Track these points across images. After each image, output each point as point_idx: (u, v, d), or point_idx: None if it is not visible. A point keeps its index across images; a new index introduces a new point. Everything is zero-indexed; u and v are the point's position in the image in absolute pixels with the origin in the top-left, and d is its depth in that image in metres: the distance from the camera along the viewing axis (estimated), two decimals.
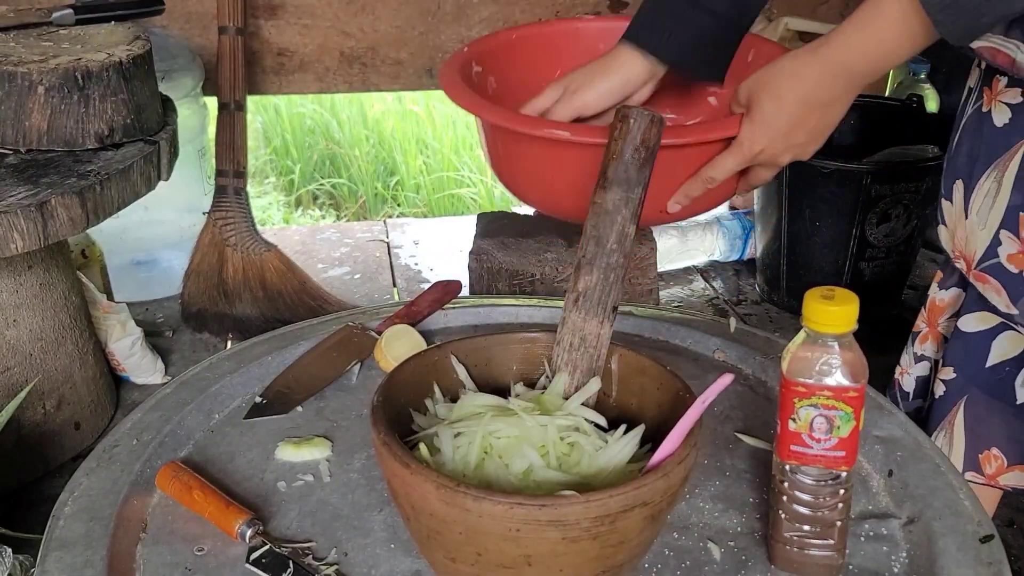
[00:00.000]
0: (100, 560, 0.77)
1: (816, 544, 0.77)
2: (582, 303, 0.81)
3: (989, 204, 0.98)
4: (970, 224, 1.02)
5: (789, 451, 0.75)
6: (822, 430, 0.73)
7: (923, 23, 0.81)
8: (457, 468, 0.74)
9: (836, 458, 0.74)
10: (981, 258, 1.01)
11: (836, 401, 0.72)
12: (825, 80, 0.91)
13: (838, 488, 0.75)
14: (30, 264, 1.53)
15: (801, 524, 0.76)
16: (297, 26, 2.27)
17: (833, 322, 0.71)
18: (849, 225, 1.98)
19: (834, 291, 0.72)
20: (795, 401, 0.73)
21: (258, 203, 3.36)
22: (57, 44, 1.54)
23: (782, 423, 0.75)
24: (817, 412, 0.73)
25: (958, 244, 1.05)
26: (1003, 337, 1.05)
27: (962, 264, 1.05)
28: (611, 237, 0.81)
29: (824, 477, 0.75)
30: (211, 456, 0.93)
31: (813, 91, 0.92)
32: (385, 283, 2.33)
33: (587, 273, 0.81)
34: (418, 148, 3.57)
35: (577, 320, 0.80)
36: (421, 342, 1.06)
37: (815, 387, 0.72)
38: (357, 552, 0.80)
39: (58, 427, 1.62)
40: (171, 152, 1.60)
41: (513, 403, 0.78)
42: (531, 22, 2.35)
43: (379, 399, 0.74)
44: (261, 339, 1.10)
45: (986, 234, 0.99)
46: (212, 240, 2.00)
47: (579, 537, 0.65)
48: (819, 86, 0.91)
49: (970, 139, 1.02)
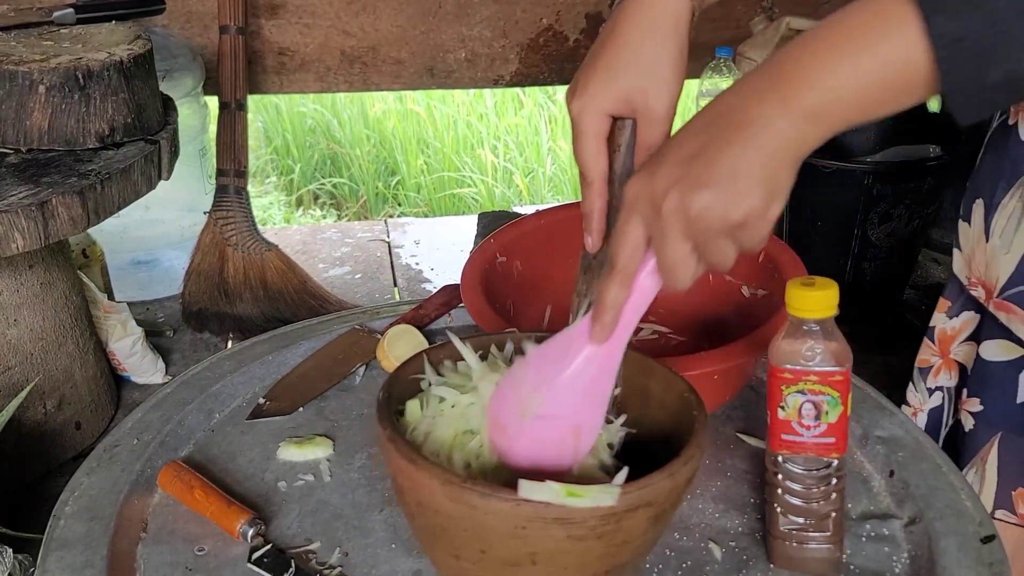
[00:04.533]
0: (100, 560, 0.77)
1: (813, 538, 0.77)
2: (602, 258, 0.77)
3: (1014, 225, 0.92)
4: (991, 248, 0.95)
5: (780, 440, 0.77)
6: (811, 416, 0.75)
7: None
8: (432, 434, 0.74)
9: (826, 445, 0.76)
10: (1005, 285, 0.94)
11: (822, 386, 0.74)
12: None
13: (830, 477, 0.76)
14: (31, 263, 1.53)
15: (796, 517, 0.77)
16: (298, 25, 2.27)
17: (814, 307, 0.73)
18: (851, 224, 1.97)
19: (814, 279, 0.74)
20: (782, 388, 0.75)
21: (259, 203, 3.36)
22: (58, 43, 1.54)
23: (772, 412, 0.76)
24: (804, 398, 0.74)
25: (976, 270, 0.98)
26: None
27: (980, 292, 0.98)
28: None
29: (815, 466, 0.76)
30: (212, 456, 0.93)
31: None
32: (386, 283, 2.33)
33: (597, 278, 0.78)
34: (419, 148, 3.57)
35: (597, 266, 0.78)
36: (423, 342, 1.06)
37: (801, 372, 0.74)
38: (358, 552, 0.80)
39: (59, 427, 1.62)
40: (172, 151, 1.60)
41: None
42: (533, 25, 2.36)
43: (384, 396, 0.74)
44: (262, 339, 1.10)
45: (1011, 259, 0.93)
46: (213, 240, 2.00)
47: (584, 536, 0.64)
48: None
49: (993, 155, 0.96)
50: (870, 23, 0.58)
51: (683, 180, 0.60)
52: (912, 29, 0.56)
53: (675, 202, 0.60)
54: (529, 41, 2.42)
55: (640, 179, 0.63)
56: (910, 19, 0.57)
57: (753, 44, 2.41)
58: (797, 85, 0.60)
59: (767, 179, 0.60)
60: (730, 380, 0.97)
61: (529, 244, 1.13)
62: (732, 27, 2.50)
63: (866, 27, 0.58)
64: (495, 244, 1.10)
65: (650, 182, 0.62)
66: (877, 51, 0.58)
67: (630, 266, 0.65)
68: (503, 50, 2.42)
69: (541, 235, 1.13)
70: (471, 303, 0.99)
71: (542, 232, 1.14)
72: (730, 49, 2.30)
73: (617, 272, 0.65)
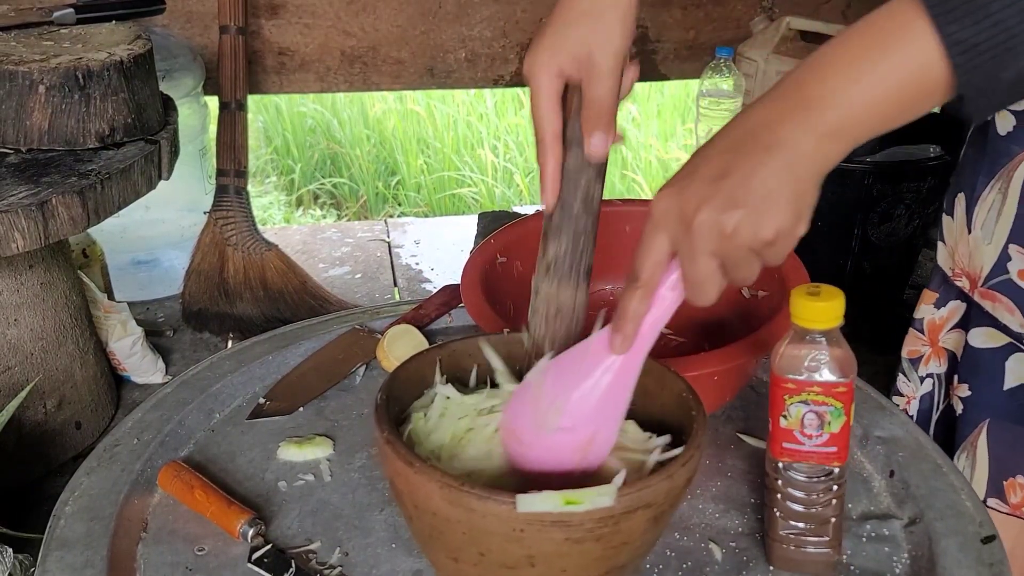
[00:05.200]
0: (101, 560, 0.77)
1: (812, 541, 0.77)
2: (553, 272, 0.77)
3: (994, 217, 0.94)
4: (974, 239, 0.97)
5: (781, 448, 0.76)
6: (813, 426, 0.74)
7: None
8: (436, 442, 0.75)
9: (828, 454, 0.75)
10: (988, 275, 0.96)
11: (826, 397, 0.73)
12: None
13: (831, 484, 0.76)
14: (31, 263, 1.53)
15: (796, 522, 0.77)
16: (298, 25, 2.27)
17: (819, 318, 0.72)
18: (851, 224, 1.97)
19: (820, 287, 0.73)
20: (785, 398, 0.74)
21: (259, 202, 3.36)
22: (58, 43, 1.54)
23: (773, 420, 0.76)
24: (807, 408, 0.74)
25: (959, 261, 1.00)
26: (1016, 359, 1.00)
27: (964, 282, 1.00)
28: (575, 201, 0.77)
29: (817, 473, 0.76)
30: (212, 456, 0.93)
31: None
32: (386, 283, 2.33)
33: (555, 240, 0.77)
34: (419, 148, 3.57)
35: (550, 290, 0.77)
36: (423, 342, 1.06)
37: (804, 383, 0.73)
38: (358, 552, 0.80)
39: (59, 426, 1.62)
40: (172, 151, 1.60)
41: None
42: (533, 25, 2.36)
43: (382, 397, 0.73)
44: (262, 338, 1.10)
45: (992, 249, 0.95)
46: (213, 239, 2.00)
47: (583, 538, 0.64)
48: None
49: (973, 149, 0.98)
50: (886, 36, 0.61)
51: (714, 199, 0.62)
52: (928, 39, 0.59)
53: (708, 221, 0.61)
54: (529, 41, 2.42)
55: (669, 195, 0.64)
56: (925, 30, 0.59)
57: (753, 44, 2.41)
58: (819, 104, 0.62)
59: (796, 199, 0.62)
60: (730, 381, 0.97)
61: (530, 244, 1.12)
62: (732, 27, 2.50)
63: (882, 40, 0.61)
64: (495, 244, 1.10)
65: (680, 199, 0.63)
66: (895, 64, 0.60)
67: (653, 279, 0.66)
68: (503, 50, 2.42)
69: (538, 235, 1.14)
70: (471, 304, 0.99)
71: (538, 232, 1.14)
72: (730, 49, 2.30)
73: (640, 284, 0.66)
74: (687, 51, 2.52)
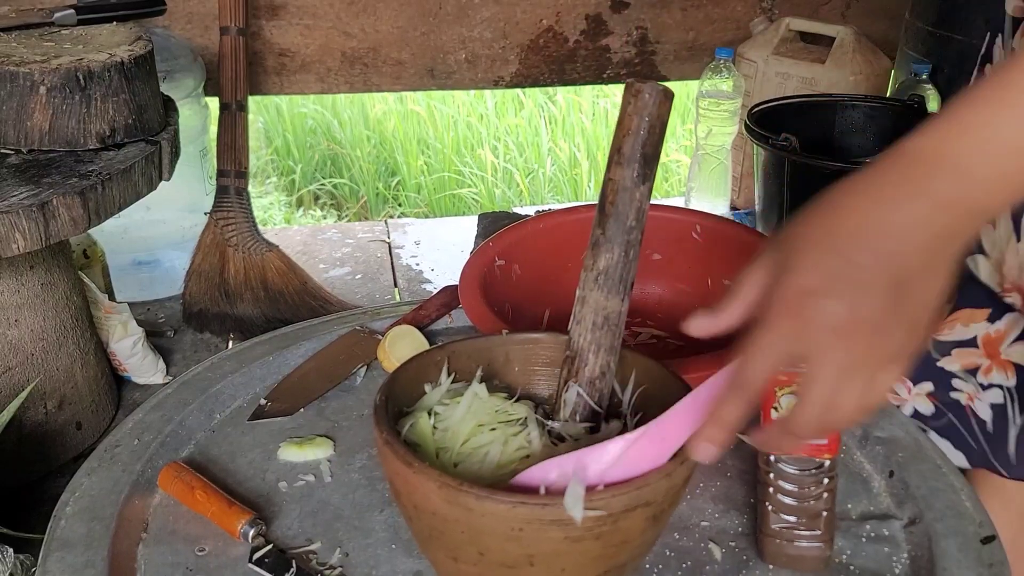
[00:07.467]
0: (101, 560, 0.77)
1: (803, 536, 0.78)
2: (603, 281, 0.79)
3: None
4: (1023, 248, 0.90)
5: None
6: None
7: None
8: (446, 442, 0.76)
9: (819, 447, 0.76)
10: None
11: None
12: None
13: (822, 477, 0.77)
14: (32, 264, 1.53)
15: (787, 515, 0.78)
16: (299, 26, 2.27)
17: None
18: None
19: None
20: (776, 390, 0.75)
21: (259, 203, 3.36)
22: (59, 44, 1.54)
23: (764, 413, 0.76)
24: None
25: (1009, 274, 0.93)
26: None
27: (1016, 298, 0.94)
28: (631, 214, 0.79)
29: (808, 466, 0.77)
30: (212, 456, 0.93)
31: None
32: (386, 283, 2.33)
33: (607, 251, 0.79)
34: (419, 148, 3.58)
35: (600, 298, 0.79)
36: (424, 343, 1.06)
37: (795, 374, 0.73)
38: (358, 552, 0.80)
39: (59, 427, 1.62)
40: (173, 152, 1.60)
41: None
42: (533, 25, 2.36)
43: (381, 398, 0.74)
44: (262, 339, 1.10)
45: None
46: (213, 240, 2.00)
47: (582, 537, 0.64)
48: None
49: None
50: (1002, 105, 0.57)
51: (874, 352, 0.57)
52: None
53: (865, 369, 0.58)
54: (529, 42, 2.43)
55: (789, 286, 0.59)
56: None
57: (753, 45, 2.41)
58: (968, 215, 0.59)
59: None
60: None
61: (528, 247, 1.13)
62: (732, 27, 2.50)
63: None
64: (494, 247, 1.10)
65: (834, 339, 0.58)
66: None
67: (764, 390, 0.61)
68: (503, 51, 2.42)
69: (540, 239, 1.14)
70: (469, 306, 0.99)
71: (541, 236, 1.14)
72: (730, 50, 2.31)
73: (746, 393, 0.61)
74: (687, 52, 2.52)
